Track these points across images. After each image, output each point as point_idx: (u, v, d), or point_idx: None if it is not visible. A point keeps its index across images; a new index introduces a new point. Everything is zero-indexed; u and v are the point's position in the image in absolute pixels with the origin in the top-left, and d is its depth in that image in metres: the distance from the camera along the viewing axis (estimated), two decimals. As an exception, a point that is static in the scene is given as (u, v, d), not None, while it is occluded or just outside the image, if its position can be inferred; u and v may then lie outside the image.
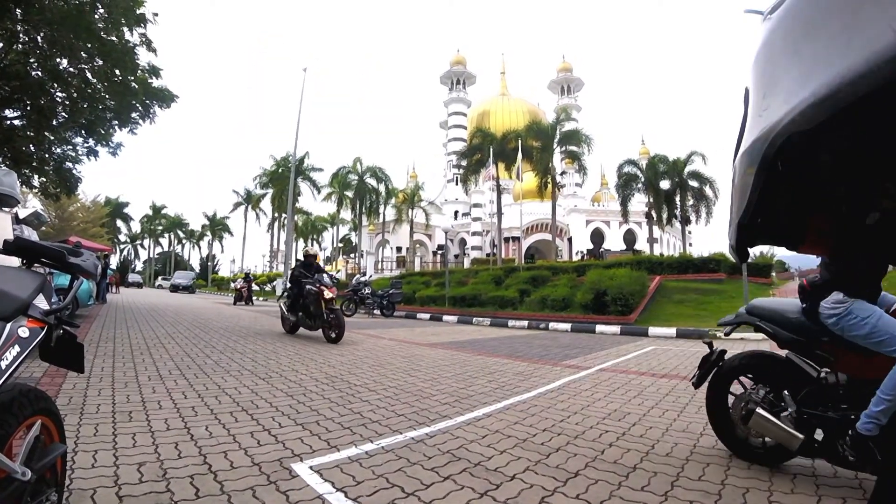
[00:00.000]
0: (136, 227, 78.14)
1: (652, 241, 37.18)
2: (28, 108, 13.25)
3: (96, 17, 12.28)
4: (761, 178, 0.63)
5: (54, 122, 13.88)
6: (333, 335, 8.64)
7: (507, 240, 48.65)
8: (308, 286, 9.01)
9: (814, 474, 2.67)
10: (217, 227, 68.51)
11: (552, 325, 13.79)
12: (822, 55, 0.48)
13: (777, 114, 0.55)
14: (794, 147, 0.57)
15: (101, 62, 13.03)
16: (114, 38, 12.73)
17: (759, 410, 2.67)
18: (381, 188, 44.69)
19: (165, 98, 15.09)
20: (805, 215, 0.73)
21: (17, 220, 6.01)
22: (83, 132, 14.78)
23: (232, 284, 24.26)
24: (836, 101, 0.45)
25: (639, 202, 37.13)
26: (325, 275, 9.44)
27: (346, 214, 49.17)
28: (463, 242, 57.06)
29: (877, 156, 0.60)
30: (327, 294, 8.77)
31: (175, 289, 42.82)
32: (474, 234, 54.00)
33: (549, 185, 32.88)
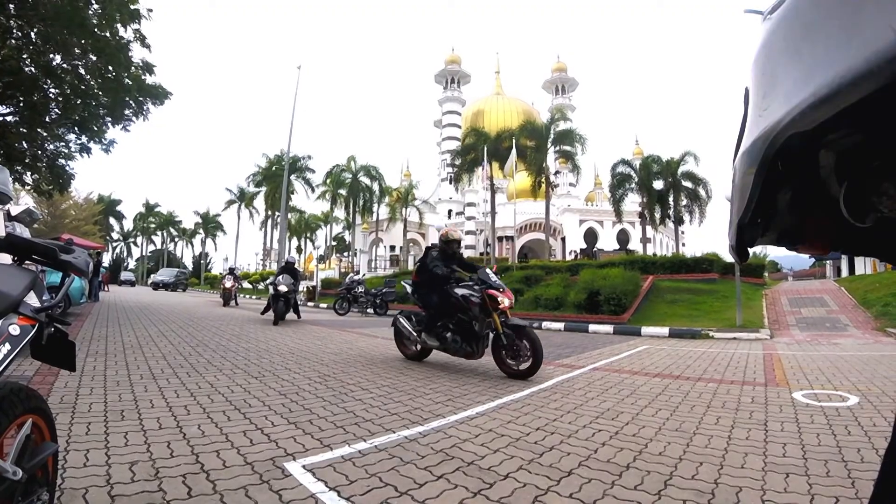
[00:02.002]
0: (128, 224, 77.86)
1: (645, 240, 37.25)
2: (21, 104, 13.14)
3: (90, 12, 12.19)
4: (761, 178, 0.63)
5: (47, 119, 13.78)
6: (523, 366, 5.59)
7: (500, 239, 48.66)
8: (462, 291, 6.00)
9: (806, 473, 2.69)
10: (210, 225, 68.28)
11: (545, 324, 13.81)
12: (823, 55, 0.48)
13: (777, 114, 0.55)
14: (794, 147, 0.57)
15: (94, 58, 12.94)
16: (107, 35, 12.62)
17: None
18: (375, 187, 44.65)
19: (159, 95, 15.01)
20: (805, 215, 0.74)
21: (8, 216, 5.98)
22: (76, 129, 14.67)
23: (222, 284, 21.78)
24: (836, 101, 0.45)
25: (632, 202, 37.23)
26: (487, 270, 6.17)
27: (340, 213, 49.10)
28: (457, 241, 57.03)
29: (877, 156, 0.61)
30: (503, 302, 5.74)
31: (157, 286, 41.05)
32: (468, 233, 53.95)
33: (543, 185, 32.92)
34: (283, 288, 12.05)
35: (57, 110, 13.77)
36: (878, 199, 0.61)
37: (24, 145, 14.23)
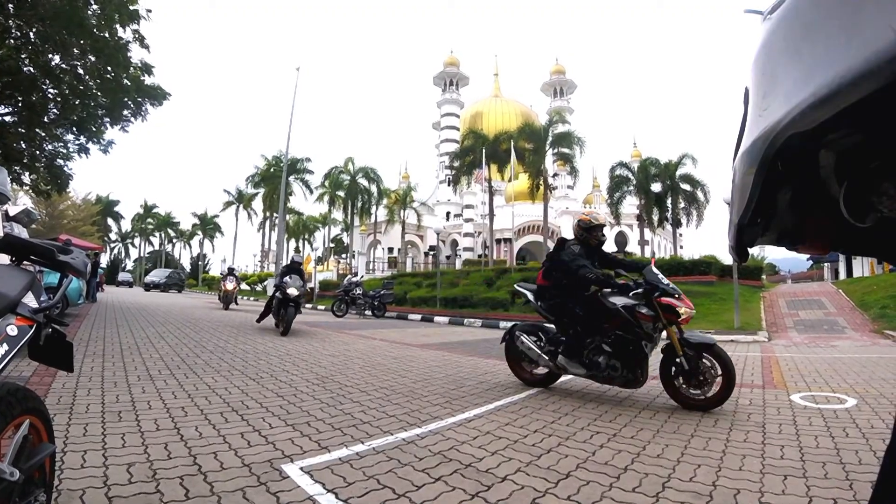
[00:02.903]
0: (126, 225, 77.60)
1: (643, 243, 37.31)
2: (19, 104, 13.14)
3: (89, 13, 12.21)
4: (761, 178, 0.63)
5: (46, 119, 13.78)
6: (711, 393, 4.32)
7: (498, 241, 48.64)
8: (623, 301, 4.61)
9: (804, 475, 2.69)
10: (208, 226, 68.15)
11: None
12: (823, 55, 0.48)
13: (777, 114, 0.55)
14: (794, 147, 0.57)
15: (93, 59, 12.97)
16: (106, 35, 12.65)
17: None
18: (373, 188, 44.66)
19: (158, 96, 15.04)
20: (805, 215, 0.74)
21: (6, 217, 5.98)
22: (74, 129, 14.68)
23: (222, 285, 19.65)
24: (836, 101, 0.45)
25: (630, 204, 37.25)
26: (655, 270, 4.66)
27: (338, 215, 49.09)
28: (455, 244, 57.01)
29: (877, 156, 0.61)
30: (683, 313, 4.46)
31: (148, 287, 40.73)
32: (466, 235, 53.97)
33: (541, 187, 32.93)
34: (293, 291, 9.85)
35: (55, 110, 13.77)
36: (878, 199, 0.61)
37: (23, 145, 14.22)
